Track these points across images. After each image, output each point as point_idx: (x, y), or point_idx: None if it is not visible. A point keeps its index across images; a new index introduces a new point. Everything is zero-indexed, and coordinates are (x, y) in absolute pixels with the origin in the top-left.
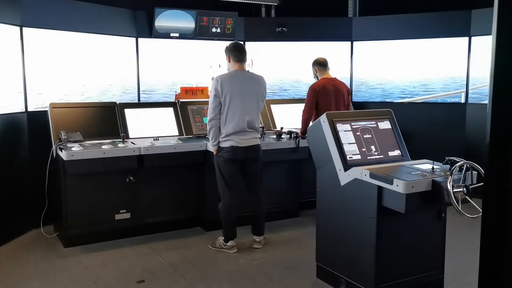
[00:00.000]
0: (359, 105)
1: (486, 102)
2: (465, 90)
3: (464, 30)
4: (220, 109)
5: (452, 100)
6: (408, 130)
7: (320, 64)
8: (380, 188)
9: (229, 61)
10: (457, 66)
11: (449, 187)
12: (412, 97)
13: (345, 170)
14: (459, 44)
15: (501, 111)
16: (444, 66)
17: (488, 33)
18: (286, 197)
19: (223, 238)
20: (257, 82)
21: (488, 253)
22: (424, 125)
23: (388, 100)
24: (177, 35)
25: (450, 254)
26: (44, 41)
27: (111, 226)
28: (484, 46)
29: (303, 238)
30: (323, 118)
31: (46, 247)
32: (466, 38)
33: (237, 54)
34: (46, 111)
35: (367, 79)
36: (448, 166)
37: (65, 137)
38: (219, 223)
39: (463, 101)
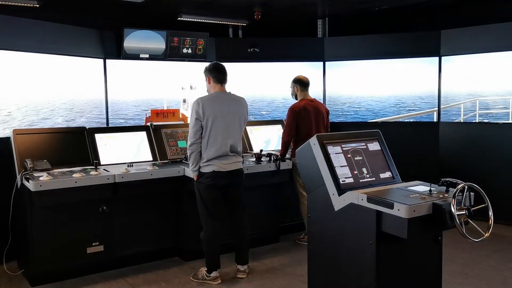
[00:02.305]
0: (332, 126)
1: (459, 120)
2: (437, 109)
3: (434, 50)
4: (201, 133)
5: (425, 119)
6: None
7: (302, 84)
8: (378, 213)
9: (209, 83)
10: (429, 85)
11: (453, 210)
12: (385, 116)
13: (339, 194)
14: (430, 64)
15: None
16: (417, 85)
17: (457, 52)
18: (266, 222)
19: (206, 269)
20: (239, 104)
21: None
22: (397, 144)
23: (361, 119)
24: (147, 56)
25: (446, 277)
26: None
27: (83, 260)
28: (454, 66)
29: (288, 265)
30: (313, 141)
31: (9, 286)
32: (436, 58)
33: (217, 75)
34: (8, 138)
35: (340, 98)
36: (444, 187)
37: (31, 165)
38: (199, 252)
39: (435, 120)
